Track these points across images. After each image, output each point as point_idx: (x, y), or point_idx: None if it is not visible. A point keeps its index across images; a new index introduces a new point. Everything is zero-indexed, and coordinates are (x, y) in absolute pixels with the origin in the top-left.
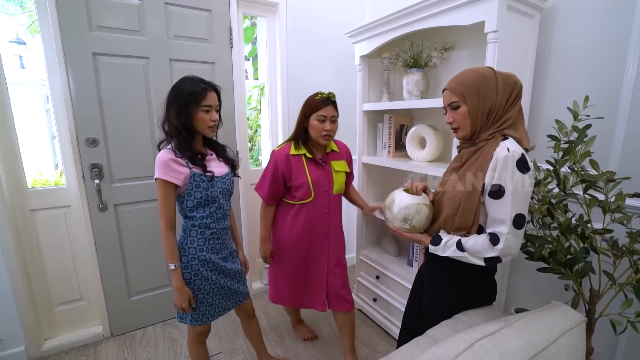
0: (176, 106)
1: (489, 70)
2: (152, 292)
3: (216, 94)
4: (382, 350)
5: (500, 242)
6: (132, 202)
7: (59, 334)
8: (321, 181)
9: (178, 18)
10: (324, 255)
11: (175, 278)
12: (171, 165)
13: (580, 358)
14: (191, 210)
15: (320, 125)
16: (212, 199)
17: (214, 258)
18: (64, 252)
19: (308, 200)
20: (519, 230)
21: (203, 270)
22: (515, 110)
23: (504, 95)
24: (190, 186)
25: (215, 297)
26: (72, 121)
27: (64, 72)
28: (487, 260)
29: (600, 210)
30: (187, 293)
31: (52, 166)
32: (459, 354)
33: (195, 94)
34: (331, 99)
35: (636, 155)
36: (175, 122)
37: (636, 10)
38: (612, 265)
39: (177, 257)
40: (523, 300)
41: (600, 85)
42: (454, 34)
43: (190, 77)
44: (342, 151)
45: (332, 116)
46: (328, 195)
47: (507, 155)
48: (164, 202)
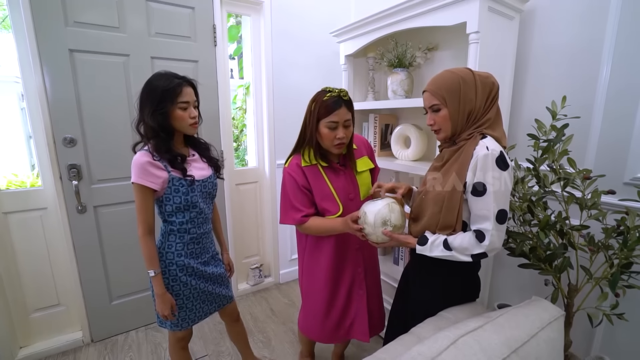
0: (150, 105)
1: (468, 72)
2: (134, 295)
3: (192, 89)
4: (369, 348)
5: (486, 238)
6: (112, 203)
7: (35, 341)
8: (345, 188)
9: (160, 15)
10: (359, 275)
11: (156, 285)
12: (148, 169)
13: (559, 351)
14: (170, 215)
15: (331, 133)
16: (192, 204)
17: (194, 263)
18: (40, 255)
19: (338, 214)
20: (502, 225)
21: (182, 276)
22: (493, 111)
23: (483, 96)
24: (169, 190)
25: (195, 301)
26: (48, 120)
27: (38, 70)
28: (474, 257)
29: (577, 207)
30: (169, 300)
31: (28, 167)
32: (443, 350)
33: (169, 90)
34: (343, 99)
35: (610, 154)
36: (151, 122)
37: (609, 13)
38: (589, 261)
39: (157, 263)
40: (506, 295)
41: (577, 85)
42: (437, 34)
43: (162, 72)
44: (361, 146)
45: (345, 120)
46: (356, 204)
47: (487, 154)
48: (141, 207)
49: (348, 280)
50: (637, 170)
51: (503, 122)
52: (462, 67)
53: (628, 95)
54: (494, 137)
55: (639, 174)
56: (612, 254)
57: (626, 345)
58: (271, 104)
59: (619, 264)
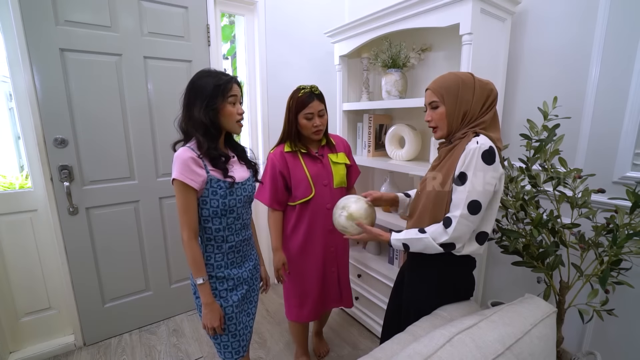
0: (202, 101)
1: (469, 76)
2: (127, 298)
3: (238, 87)
4: (365, 348)
5: (452, 224)
6: (105, 204)
7: (25, 346)
8: (320, 174)
9: (152, 14)
10: (331, 254)
11: (204, 294)
12: (190, 166)
13: (551, 347)
14: (206, 221)
15: (309, 122)
16: (229, 209)
17: (236, 273)
18: (30, 258)
19: (309, 197)
20: (473, 216)
21: (222, 290)
22: (489, 115)
23: (480, 100)
24: (207, 193)
25: (241, 314)
26: (38, 121)
27: (28, 69)
28: (443, 246)
29: (568, 206)
30: (218, 310)
31: (17, 168)
32: (438, 348)
33: (220, 86)
34: (315, 93)
35: (600, 153)
36: (203, 118)
37: (598, 15)
38: (580, 258)
39: (204, 269)
40: (500, 293)
41: (567, 86)
42: (431, 35)
43: (208, 70)
44: (339, 144)
45: (319, 111)
46: (329, 190)
47: (475, 147)
48: (184, 208)
49: (321, 258)
50: (625, 170)
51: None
52: (466, 72)
53: (616, 96)
54: (488, 137)
55: (627, 173)
56: (602, 252)
57: (616, 340)
58: (265, 104)
59: (609, 261)
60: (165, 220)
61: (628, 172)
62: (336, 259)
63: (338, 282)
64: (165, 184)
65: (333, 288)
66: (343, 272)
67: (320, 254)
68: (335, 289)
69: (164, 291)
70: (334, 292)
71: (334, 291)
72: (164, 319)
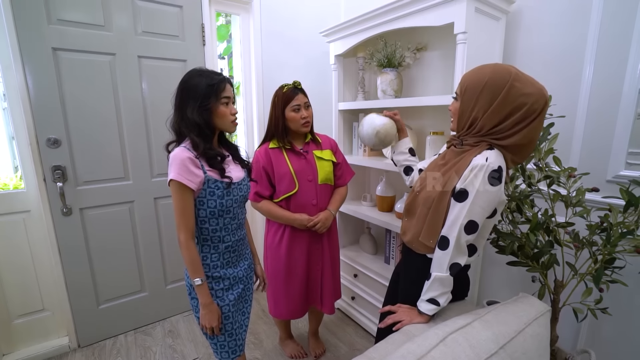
0: (195, 101)
1: (507, 76)
2: (122, 299)
3: (231, 86)
4: (361, 347)
5: (449, 245)
6: (99, 205)
7: (18, 348)
8: (304, 170)
9: (146, 13)
10: (317, 251)
11: (201, 295)
12: (188, 166)
13: (545, 346)
14: (202, 222)
15: (297, 115)
16: (226, 209)
17: (232, 272)
18: (23, 260)
19: (293, 191)
20: (468, 236)
21: (218, 290)
22: (519, 137)
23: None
24: (204, 193)
25: (237, 314)
26: (30, 121)
27: (20, 68)
28: (451, 270)
29: (563, 205)
30: (217, 310)
31: (10, 169)
32: (432, 348)
33: (213, 85)
34: (298, 87)
35: (594, 152)
36: (196, 118)
37: (592, 15)
38: (574, 257)
39: (202, 270)
40: (495, 292)
41: (561, 85)
42: (426, 34)
43: (199, 69)
44: (325, 142)
45: (305, 102)
46: (314, 185)
47: (484, 165)
48: (181, 209)
49: (305, 256)
50: (619, 169)
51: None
52: (513, 69)
53: (610, 95)
54: (502, 154)
55: (621, 171)
56: (596, 250)
57: (610, 339)
58: (261, 103)
59: (603, 260)
60: (160, 220)
61: (622, 171)
62: (321, 258)
63: (321, 283)
64: (160, 184)
65: (316, 288)
66: (327, 274)
67: (304, 251)
68: (318, 290)
69: (159, 292)
70: (317, 292)
71: (317, 291)
72: (159, 320)
